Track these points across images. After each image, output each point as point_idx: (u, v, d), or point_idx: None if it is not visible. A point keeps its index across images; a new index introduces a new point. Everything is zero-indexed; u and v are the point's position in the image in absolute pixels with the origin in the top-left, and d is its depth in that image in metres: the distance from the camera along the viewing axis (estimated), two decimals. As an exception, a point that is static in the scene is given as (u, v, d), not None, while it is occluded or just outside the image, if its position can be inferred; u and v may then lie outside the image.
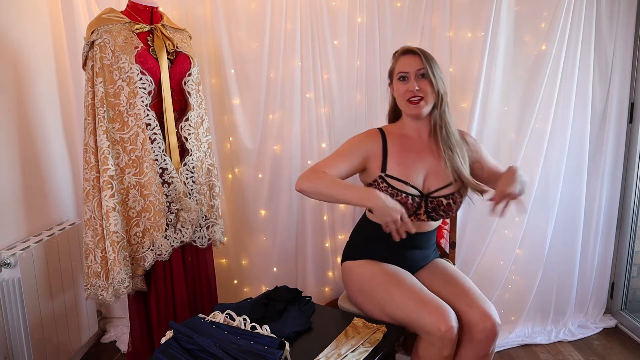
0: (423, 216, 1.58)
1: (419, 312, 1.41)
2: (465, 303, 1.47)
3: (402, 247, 1.60)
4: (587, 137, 2.29)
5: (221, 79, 2.22)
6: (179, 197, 1.77)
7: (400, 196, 1.52)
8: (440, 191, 1.56)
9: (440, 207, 1.56)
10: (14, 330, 1.72)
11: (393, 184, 1.54)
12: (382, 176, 1.55)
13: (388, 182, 1.54)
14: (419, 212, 1.57)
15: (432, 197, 1.56)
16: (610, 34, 2.24)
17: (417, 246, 1.67)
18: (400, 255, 1.65)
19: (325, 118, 2.26)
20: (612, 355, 2.24)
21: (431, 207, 1.56)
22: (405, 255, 1.66)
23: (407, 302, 1.45)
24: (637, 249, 2.48)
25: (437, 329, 1.37)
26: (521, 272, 2.37)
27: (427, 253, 1.72)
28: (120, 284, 1.65)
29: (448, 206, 1.56)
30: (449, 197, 1.56)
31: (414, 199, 1.54)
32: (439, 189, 1.56)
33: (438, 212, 1.58)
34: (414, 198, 1.53)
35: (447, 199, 1.55)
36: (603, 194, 2.39)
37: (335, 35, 2.18)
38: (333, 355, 1.40)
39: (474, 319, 1.44)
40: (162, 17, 1.83)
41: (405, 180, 1.54)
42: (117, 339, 2.35)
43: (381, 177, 1.55)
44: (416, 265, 1.69)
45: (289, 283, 2.32)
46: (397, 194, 1.52)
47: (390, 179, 1.55)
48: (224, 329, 1.40)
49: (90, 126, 1.66)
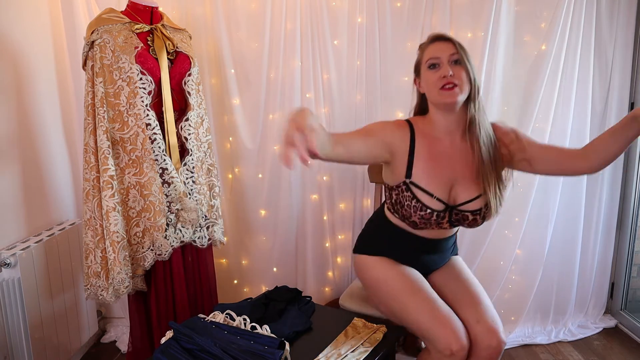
0: (445, 225, 1.47)
1: (432, 327, 1.36)
2: (473, 317, 1.42)
3: (419, 250, 1.55)
4: (587, 137, 2.29)
5: (221, 79, 2.22)
6: (179, 197, 1.77)
7: (424, 211, 1.41)
8: (467, 205, 1.43)
9: (465, 221, 1.45)
10: (14, 330, 1.72)
11: (418, 196, 1.42)
12: (406, 183, 1.43)
13: (413, 192, 1.42)
14: (442, 222, 1.46)
15: (457, 210, 1.44)
16: (610, 34, 2.24)
17: (436, 250, 1.58)
18: (416, 258, 1.58)
19: (325, 118, 2.26)
20: (612, 355, 2.24)
21: (455, 219, 1.45)
22: (422, 258, 1.58)
23: (420, 314, 1.40)
24: (637, 249, 2.48)
25: (448, 348, 1.33)
26: (521, 272, 2.37)
27: (445, 255, 1.64)
28: (120, 284, 1.65)
29: (474, 221, 1.44)
30: (476, 213, 1.43)
31: (439, 214, 1.43)
32: (465, 202, 1.43)
33: (462, 224, 1.47)
34: (439, 214, 1.43)
35: (473, 214, 1.43)
36: (603, 194, 2.39)
37: (335, 35, 2.18)
38: (333, 355, 1.40)
39: (480, 335, 1.39)
40: (162, 17, 1.83)
41: (431, 193, 1.41)
42: (117, 339, 2.35)
43: (406, 184, 1.43)
44: (432, 267, 1.63)
45: (289, 283, 2.32)
46: (421, 208, 1.41)
47: (416, 189, 1.42)
48: (224, 329, 1.40)
49: (90, 126, 1.66)
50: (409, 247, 1.53)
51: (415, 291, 1.45)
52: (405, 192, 1.43)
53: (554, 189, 2.29)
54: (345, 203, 2.36)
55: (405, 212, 1.45)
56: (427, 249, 1.56)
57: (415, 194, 1.42)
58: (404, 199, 1.43)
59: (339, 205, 2.36)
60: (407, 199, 1.43)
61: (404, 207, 1.44)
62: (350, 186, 2.34)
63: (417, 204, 1.41)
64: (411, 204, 1.42)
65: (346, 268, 2.42)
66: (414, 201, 1.42)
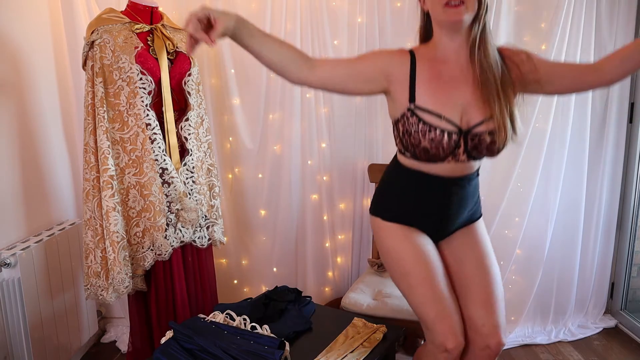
0: (462, 156, 1.32)
1: (433, 320, 1.32)
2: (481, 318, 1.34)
3: (437, 199, 1.39)
4: (587, 137, 2.29)
5: (221, 79, 2.22)
6: (179, 197, 1.77)
7: (434, 133, 1.27)
8: (482, 125, 1.28)
9: (482, 145, 1.30)
10: (14, 330, 1.72)
11: (425, 118, 1.28)
12: (411, 109, 1.29)
13: (419, 115, 1.28)
14: (457, 152, 1.31)
15: (472, 134, 1.29)
16: (610, 34, 2.24)
17: (455, 197, 1.39)
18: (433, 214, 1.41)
19: (325, 118, 2.26)
20: (612, 355, 2.24)
21: (472, 145, 1.30)
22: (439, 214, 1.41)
23: (424, 304, 1.34)
24: (637, 249, 2.48)
25: (444, 345, 1.30)
26: (521, 272, 2.37)
27: (465, 209, 1.44)
28: (120, 284, 1.65)
29: (492, 144, 1.29)
30: (493, 134, 1.28)
31: (451, 135, 1.28)
32: (480, 123, 1.29)
33: (480, 151, 1.31)
34: (450, 135, 1.28)
35: (490, 135, 1.28)
36: (603, 194, 2.39)
37: (335, 35, 2.18)
38: (333, 356, 1.40)
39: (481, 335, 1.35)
40: (162, 17, 1.83)
41: (439, 113, 1.28)
42: (117, 339, 2.35)
43: (410, 110, 1.30)
44: (450, 226, 1.45)
45: (289, 283, 2.32)
46: (429, 130, 1.27)
47: (421, 112, 1.29)
48: (224, 329, 1.41)
49: (90, 126, 1.66)
50: (424, 197, 1.38)
51: (424, 278, 1.35)
52: (410, 119, 1.30)
53: (554, 188, 2.29)
54: (345, 203, 2.36)
55: (413, 139, 1.30)
56: (445, 195, 1.39)
57: (421, 117, 1.29)
58: (411, 126, 1.30)
59: (339, 205, 2.36)
60: (413, 125, 1.29)
61: (412, 134, 1.30)
62: (350, 186, 2.34)
63: (425, 126, 1.28)
64: (418, 128, 1.29)
65: (346, 268, 2.42)
66: (420, 124, 1.28)
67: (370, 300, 1.88)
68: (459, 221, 1.45)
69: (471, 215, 1.48)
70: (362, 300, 1.86)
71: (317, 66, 1.31)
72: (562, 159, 2.27)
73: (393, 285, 1.99)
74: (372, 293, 1.95)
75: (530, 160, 2.25)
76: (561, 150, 2.27)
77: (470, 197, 1.44)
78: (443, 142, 1.28)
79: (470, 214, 1.47)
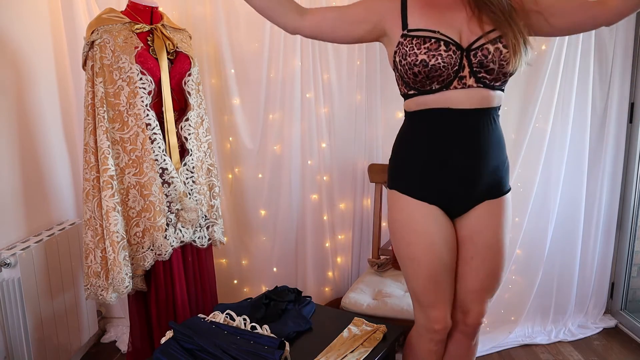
0: (470, 80, 1.19)
1: (429, 306, 1.33)
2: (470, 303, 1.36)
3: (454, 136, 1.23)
4: (587, 137, 2.29)
5: (221, 79, 2.22)
6: (179, 197, 1.77)
7: (429, 42, 1.18)
8: (482, 39, 1.18)
9: (488, 58, 1.17)
10: (14, 330, 1.72)
11: (419, 34, 1.20)
12: (404, 34, 1.22)
13: (412, 35, 1.21)
14: (463, 75, 1.19)
15: (474, 49, 1.18)
16: (610, 34, 2.24)
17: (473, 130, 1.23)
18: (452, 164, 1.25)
19: (325, 118, 2.27)
20: (612, 355, 2.24)
21: (477, 62, 1.18)
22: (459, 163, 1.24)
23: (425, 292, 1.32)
24: (637, 249, 2.48)
25: (432, 328, 1.34)
26: (521, 272, 2.37)
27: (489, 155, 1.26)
28: (120, 284, 1.65)
29: (498, 53, 1.17)
30: (497, 41, 1.18)
31: (449, 45, 1.17)
32: (480, 37, 1.19)
33: (488, 68, 1.18)
34: (448, 44, 1.17)
35: (494, 43, 1.17)
36: (603, 194, 2.39)
37: (335, 35, 2.18)
38: (333, 355, 1.40)
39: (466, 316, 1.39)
40: (162, 17, 1.83)
41: (434, 29, 1.19)
42: (117, 339, 2.35)
43: (404, 35, 1.22)
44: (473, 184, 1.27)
45: (289, 283, 2.32)
46: (424, 42, 1.18)
47: (415, 32, 1.21)
48: (224, 329, 1.41)
49: (90, 126, 1.66)
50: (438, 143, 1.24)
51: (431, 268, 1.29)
52: (404, 42, 1.22)
53: (554, 188, 2.29)
54: (345, 203, 2.36)
55: (410, 58, 1.19)
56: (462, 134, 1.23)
57: (415, 35, 1.21)
58: (405, 47, 1.21)
59: (339, 205, 2.36)
60: (407, 45, 1.21)
61: (407, 55, 1.20)
62: (350, 186, 2.34)
63: (419, 40, 1.19)
64: (412, 43, 1.20)
65: (346, 268, 2.42)
66: (414, 40, 1.20)
67: (370, 300, 1.88)
68: (482, 181, 1.27)
69: (497, 182, 1.30)
70: (362, 300, 1.86)
71: (309, 12, 1.31)
72: (562, 159, 2.27)
73: (393, 285, 1.99)
74: (372, 293, 1.95)
75: (530, 160, 2.25)
76: (561, 150, 2.27)
77: (495, 144, 1.26)
78: (440, 49, 1.17)
79: (497, 179, 1.29)
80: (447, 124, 1.23)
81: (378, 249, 2.22)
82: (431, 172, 1.27)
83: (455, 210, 1.32)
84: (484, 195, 1.29)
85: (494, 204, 1.31)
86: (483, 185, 1.28)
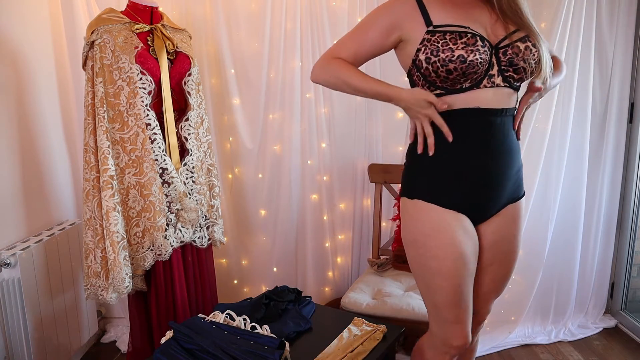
0: (498, 78, 1.16)
1: (450, 322, 1.25)
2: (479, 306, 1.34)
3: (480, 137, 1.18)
4: (587, 137, 2.29)
5: (221, 79, 2.22)
6: (179, 197, 1.77)
7: (465, 37, 1.13)
8: (512, 36, 1.17)
9: (519, 57, 1.15)
10: (14, 330, 1.72)
11: (450, 30, 1.15)
12: (430, 30, 1.16)
13: (441, 30, 1.15)
14: (492, 73, 1.16)
15: (503, 46, 1.16)
16: (610, 34, 2.24)
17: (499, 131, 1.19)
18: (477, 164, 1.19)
19: (325, 118, 2.26)
20: (612, 356, 2.24)
21: (506, 60, 1.15)
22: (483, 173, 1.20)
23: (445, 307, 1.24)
24: (637, 249, 2.48)
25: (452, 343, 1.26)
26: (521, 272, 2.37)
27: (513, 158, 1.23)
28: (120, 284, 1.65)
29: (528, 51, 1.15)
30: (526, 39, 1.16)
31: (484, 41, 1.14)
32: (507, 37, 1.17)
33: (517, 66, 1.16)
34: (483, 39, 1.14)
35: (523, 42, 1.16)
36: (603, 194, 2.39)
37: (335, 35, 2.18)
38: (333, 355, 1.40)
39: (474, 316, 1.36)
40: (162, 17, 1.83)
41: (464, 25, 1.15)
42: (117, 339, 2.35)
43: (430, 31, 1.16)
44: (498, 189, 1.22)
45: (289, 283, 2.32)
46: (459, 37, 1.13)
47: (444, 28, 1.16)
48: (224, 329, 1.41)
49: (90, 126, 1.66)
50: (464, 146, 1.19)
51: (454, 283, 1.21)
52: (432, 38, 1.15)
53: (554, 188, 2.29)
54: (345, 203, 2.36)
55: (445, 54, 1.13)
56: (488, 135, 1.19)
57: (445, 30, 1.15)
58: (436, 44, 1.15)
59: (339, 205, 2.36)
60: (438, 41, 1.15)
61: (441, 51, 1.13)
62: (350, 186, 2.34)
63: (453, 35, 1.14)
64: (446, 39, 1.14)
65: (346, 268, 2.42)
66: (447, 35, 1.14)
67: (369, 299, 1.88)
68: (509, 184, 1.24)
69: (518, 185, 1.29)
70: (362, 300, 1.86)
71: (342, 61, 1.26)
72: (562, 159, 2.27)
73: (393, 285, 1.99)
74: (371, 292, 1.95)
75: (531, 160, 2.25)
76: (561, 151, 2.27)
77: (516, 145, 1.25)
78: (477, 44, 1.13)
79: (517, 182, 1.28)
80: (477, 124, 1.19)
81: (378, 248, 2.22)
82: (461, 177, 1.20)
83: (482, 217, 1.26)
84: (508, 199, 1.27)
85: (514, 208, 1.29)
86: (509, 188, 1.25)
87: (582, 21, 2.16)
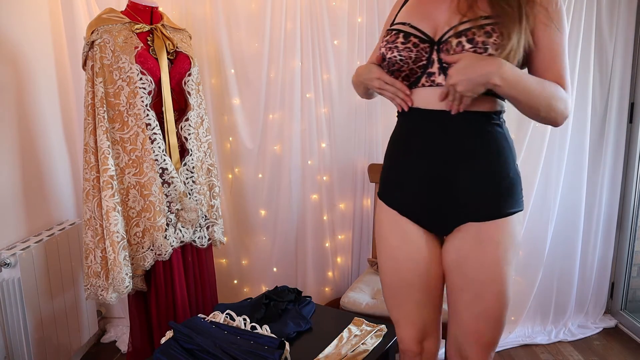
0: (439, 77, 1.06)
1: (396, 322, 1.27)
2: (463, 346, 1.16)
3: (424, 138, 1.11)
4: (587, 137, 2.29)
5: (221, 79, 2.22)
6: (179, 197, 1.77)
7: (388, 36, 1.10)
8: (453, 29, 1.04)
9: (450, 54, 1.04)
10: (14, 330, 1.72)
11: (389, 29, 1.13)
12: (388, 29, 1.15)
13: (388, 29, 1.14)
14: (432, 71, 1.07)
15: (443, 42, 1.05)
16: (610, 34, 2.24)
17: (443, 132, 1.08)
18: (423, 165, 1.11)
19: (325, 118, 2.26)
20: (612, 356, 2.24)
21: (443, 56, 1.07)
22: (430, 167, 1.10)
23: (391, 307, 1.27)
24: (637, 249, 2.48)
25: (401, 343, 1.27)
26: (521, 272, 2.37)
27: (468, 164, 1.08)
28: (120, 284, 1.65)
29: (459, 48, 1.01)
30: (462, 34, 1.01)
31: (408, 38, 1.07)
32: (451, 28, 1.04)
33: None
34: (407, 37, 1.07)
35: (458, 36, 1.02)
36: (603, 194, 2.39)
37: (335, 35, 2.18)
38: (333, 356, 1.40)
39: None
40: (162, 17, 1.83)
41: (405, 22, 1.10)
42: (117, 339, 2.35)
43: (387, 30, 1.15)
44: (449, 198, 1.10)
45: (289, 283, 2.32)
46: (386, 34, 1.12)
47: (392, 26, 1.14)
48: (224, 329, 1.41)
49: (90, 126, 1.66)
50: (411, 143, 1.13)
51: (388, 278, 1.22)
52: (383, 39, 1.15)
53: (554, 188, 2.29)
54: (345, 203, 2.36)
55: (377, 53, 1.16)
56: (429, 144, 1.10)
57: (389, 29, 1.14)
58: (382, 43, 1.15)
59: (339, 205, 2.36)
60: (382, 42, 1.15)
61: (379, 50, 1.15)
62: (350, 186, 2.34)
63: (387, 33, 1.13)
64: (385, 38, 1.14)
65: (346, 268, 2.42)
66: (387, 34, 1.14)
67: (369, 299, 1.88)
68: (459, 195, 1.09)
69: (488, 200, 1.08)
70: (361, 299, 1.86)
71: None
72: (562, 159, 2.28)
73: (393, 285, 1.99)
74: (371, 292, 1.95)
75: (530, 161, 2.25)
76: (561, 151, 2.27)
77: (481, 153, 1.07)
78: (397, 42, 1.08)
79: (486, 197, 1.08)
80: (412, 125, 1.13)
81: (378, 249, 2.22)
82: (399, 179, 1.16)
83: (435, 227, 1.16)
84: (467, 214, 1.09)
85: (484, 227, 1.08)
86: (462, 200, 1.09)
87: (582, 21, 2.16)
